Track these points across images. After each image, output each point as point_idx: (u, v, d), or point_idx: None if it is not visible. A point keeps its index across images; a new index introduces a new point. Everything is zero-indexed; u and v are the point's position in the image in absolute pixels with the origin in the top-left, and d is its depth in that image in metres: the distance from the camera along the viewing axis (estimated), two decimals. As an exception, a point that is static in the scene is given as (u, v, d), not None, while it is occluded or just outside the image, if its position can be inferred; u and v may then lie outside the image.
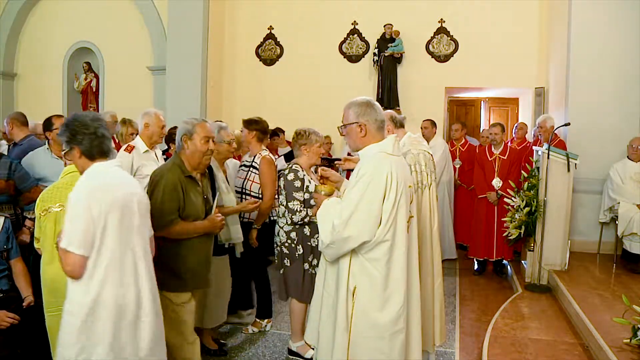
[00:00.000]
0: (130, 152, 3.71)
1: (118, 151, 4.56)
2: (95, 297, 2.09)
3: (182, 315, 2.80)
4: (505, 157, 5.68)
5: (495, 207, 5.67)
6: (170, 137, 5.17)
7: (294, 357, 3.65)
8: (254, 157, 3.91)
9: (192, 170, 2.85)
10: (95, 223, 2.07)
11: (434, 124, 6.33)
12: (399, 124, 3.26)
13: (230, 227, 3.47)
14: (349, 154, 6.85)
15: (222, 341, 3.80)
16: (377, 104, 2.45)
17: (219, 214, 2.97)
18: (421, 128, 6.24)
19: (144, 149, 3.80)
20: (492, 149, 5.77)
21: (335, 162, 6.69)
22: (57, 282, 2.32)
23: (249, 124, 4.03)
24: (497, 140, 5.70)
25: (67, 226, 2.08)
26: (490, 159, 5.75)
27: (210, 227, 2.88)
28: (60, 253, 2.10)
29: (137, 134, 4.68)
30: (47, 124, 3.86)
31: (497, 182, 5.64)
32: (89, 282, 2.09)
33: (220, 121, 4.02)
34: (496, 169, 5.69)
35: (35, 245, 2.61)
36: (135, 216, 2.22)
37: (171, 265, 2.76)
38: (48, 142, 3.87)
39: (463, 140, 6.84)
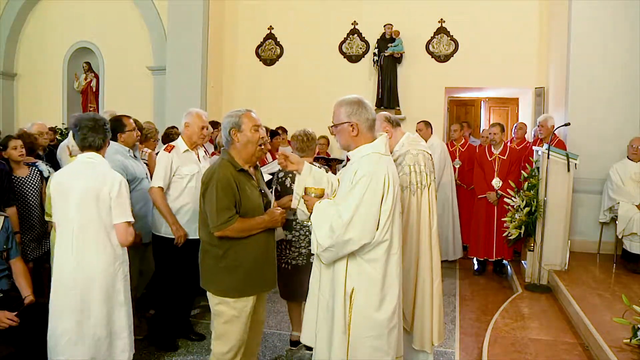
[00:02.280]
0: (169, 152, 3.59)
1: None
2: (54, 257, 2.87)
3: (237, 324, 2.68)
4: (505, 157, 5.68)
5: (495, 207, 5.67)
6: (167, 137, 5.17)
7: (293, 348, 3.69)
8: None
9: (244, 164, 2.72)
10: (52, 196, 2.84)
11: (428, 124, 6.32)
12: (395, 124, 3.25)
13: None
14: (347, 158, 6.87)
15: None
16: (368, 102, 2.42)
17: (279, 208, 2.84)
18: (416, 130, 6.22)
19: (184, 148, 3.65)
20: (492, 149, 5.77)
21: (332, 161, 6.72)
22: None
23: None
24: (497, 140, 5.70)
25: None
26: (490, 159, 5.75)
27: (270, 221, 2.72)
28: None
29: (138, 136, 4.68)
30: (120, 125, 3.76)
31: (497, 182, 5.64)
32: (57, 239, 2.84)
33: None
34: (496, 169, 5.69)
35: (46, 218, 3.24)
36: (71, 199, 2.72)
37: (230, 268, 2.65)
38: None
39: (463, 140, 6.84)
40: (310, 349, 3.56)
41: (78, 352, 2.71)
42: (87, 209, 2.72)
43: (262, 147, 2.77)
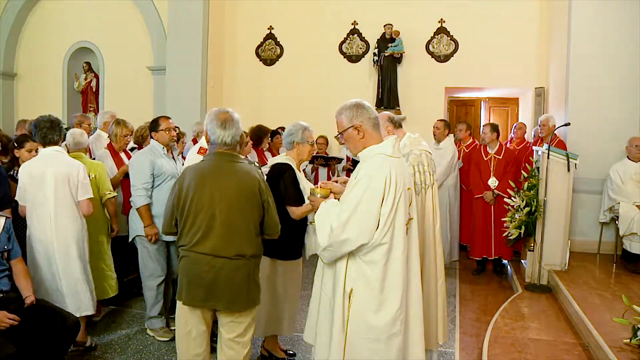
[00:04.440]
0: (203, 155, 3.52)
1: (112, 152, 4.57)
2: (27, 231, 3.47)
3: None
4: (500, 157, 5.68)
5: (492, 207, 5.66)
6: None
7: None
8: None
9: None
10: (24, 182, 3.43)
11: (447, 125, 6.18)
12: (398, 124, 3.25)
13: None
14: (348, 157, 6.87)
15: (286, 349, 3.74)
16: (367, 102, 2.42)
17: None
18: (433, 127, 6.16)
19: None
20: (487, 148, 5.77)
21: (331, 160, 6.73)
22: None
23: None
24: (487, 140, 5.69)
25: None
26: (485, 159, 5.75)
27: None
28: None
29: (131, 135, 4.68)
30: (155, 125, 3.91)
31: (493, 182, 5.63)
32: (28, 221, 3.47)
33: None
34: (492, 169, 5.68)
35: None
36: (47, 183, 3.39)
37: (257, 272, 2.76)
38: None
39: (470, 140, 6.69)
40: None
41: (72, 307, 3.43)
42: (62, 190, 3.43)
43: None
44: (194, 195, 2.52)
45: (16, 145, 3.84)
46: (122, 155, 4.66)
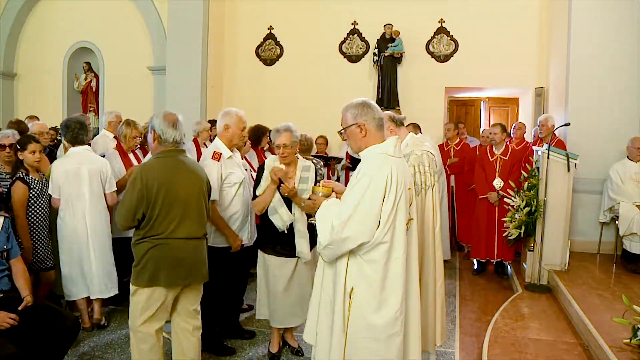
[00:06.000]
0: (218, 161, 3.43)
1: (121, 152, 4.57)
2: (60, 221, 3.88)
3: None
4: (506, 158, 5.67)
5: (497, 208, 5.64)
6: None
7: None
8: None
9: None
10: (59, 178, 3.81)
11: (417, 127, 6.03)
12: (399, 123, 3.24)
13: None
14: (347, 155, 6.87)
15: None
16: (374, 103, 2.44)
17: None
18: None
19: (227, 154, 3.50)
20: (494, 149, 5.75)
21: (330, 160, 6.73)
22: None
23: None
24: (497, 140, 5.68)
25: None
26: (491, 160, 5.74)
27: None
28: None
29: (140, 137, 4.67)
30: None
31: (498, 183, 5.62)
32: (62, 212, 3.87)
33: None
34: (497, 170, 5.67)
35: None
36: (83, 178, 3.84)
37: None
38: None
39: (457, 140, 6.80)
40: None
41: (102, 287, 3.94)
42: (95, 184, 3.90)
43: None
44: (166, 189, 2.75)
45: (19, 147, 3.83)
46: (131, 156, 4.65)
